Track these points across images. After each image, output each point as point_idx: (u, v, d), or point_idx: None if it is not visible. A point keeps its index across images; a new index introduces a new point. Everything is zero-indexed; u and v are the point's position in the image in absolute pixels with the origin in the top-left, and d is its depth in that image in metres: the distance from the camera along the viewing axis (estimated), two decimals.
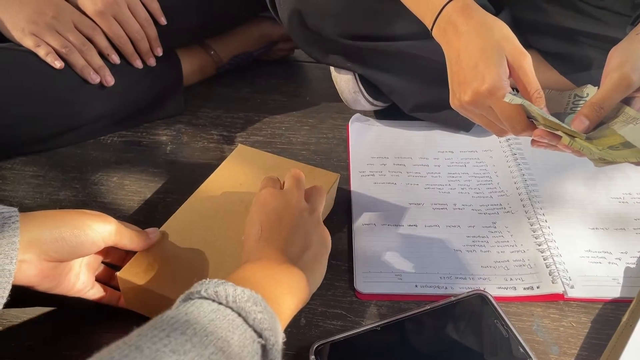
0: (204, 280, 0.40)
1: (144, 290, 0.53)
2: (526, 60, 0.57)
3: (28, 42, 0.73)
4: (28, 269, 0.48)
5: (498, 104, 0.57)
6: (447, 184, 0.75)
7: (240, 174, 0.67)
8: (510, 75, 0.57)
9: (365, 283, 0.61)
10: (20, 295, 0.48)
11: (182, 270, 0.54)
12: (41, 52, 0.73)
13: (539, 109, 0.53)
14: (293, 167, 0.67)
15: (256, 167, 0.68)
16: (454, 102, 0.62)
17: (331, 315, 0.59)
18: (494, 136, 0.82)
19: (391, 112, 0.87)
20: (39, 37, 0.73)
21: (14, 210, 0.47)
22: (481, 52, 0.57)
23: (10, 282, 0.46)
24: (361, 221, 0.69)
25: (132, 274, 0.53)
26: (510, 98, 0.53)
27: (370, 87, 0.82)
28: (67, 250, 0.49)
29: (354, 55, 0.78)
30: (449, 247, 0.66)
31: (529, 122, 0.57)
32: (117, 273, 0.53)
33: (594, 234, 0.67)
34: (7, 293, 0.46)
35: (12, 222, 0.47)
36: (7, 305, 0.46)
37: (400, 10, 0.66)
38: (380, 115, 0.87)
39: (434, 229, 0.68)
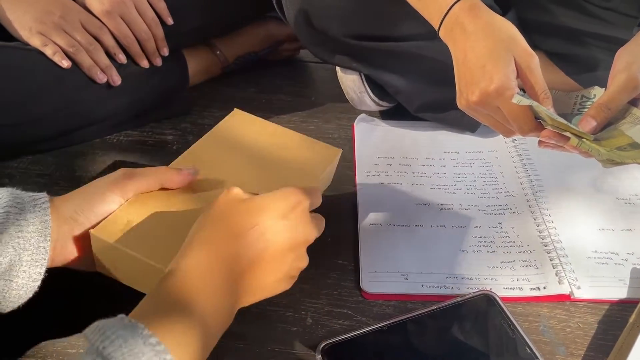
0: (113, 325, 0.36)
1: (117, 251, 0.50)
2: (534, 61, 0.57)
3: (35, 42, 0.73)
4: (64, 246, 0.51)
5: (506, 105, 0.57)
6: (453, 185, 0.75)
7: (233, 139, 0.64)
8: (518, 76, 0.57)
9: (371, 283, 0.61)
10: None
11: (160, 232, 0.51)
12: (48, 51, 0.73)
13: (548, 110, 0.53)
14: (291, 137, 0.65)
15: (252, 133, 0.65)
16: (461, 103, 0.62)
17: (337, 315, 0.59)
18: (499, 137, 0.82)
19: (397, 112, 0.87)
20: (46, 36, 0.73)
21: (42, 193, 0.50)
22: (489, 53, 0.57)
23: (47, 258, 0.48)
24: (367, 221, 0.69)
25: (107, 232, 0.50)
26: (519, 99, 0.53)
27: (376, 87, 0.82)
28: (95, 217, 0.52)
29: (359, 56, 0.78)
30: (455, 248, 0.66)
31: (537, 123, 0.57)
32: (91, 230, 0.51)
33: (601, 235, 0.67)
34: (44, 269, 0.48)
35: (42, 202, 0.49)
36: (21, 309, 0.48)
37: (407, 10, 0.66)
38: (386, 115, 0.88)
39: (440, 229, 0.68)
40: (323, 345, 0.53)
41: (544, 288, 0.61)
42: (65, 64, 0.73)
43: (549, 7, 0.79)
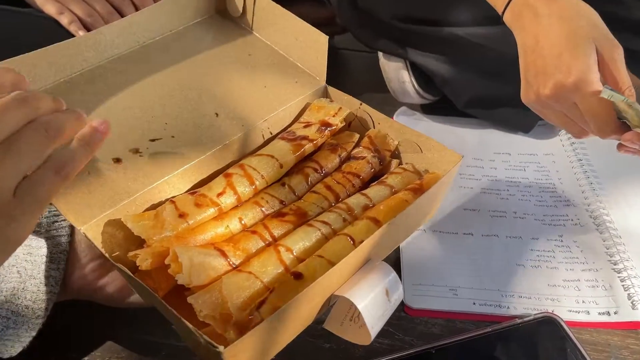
0: None
1: None
2: (618, 52, 0.50)
3: (50, 9, 0.66)
4: (85, 275, 0.46)
5: (585, 100, 0.49)
6: (506, 189, 0.67)
7: None
8: (599, 68, 0.50)
9: (415, 297, 0.54)
10: None
11: None
12: (64, 20, 0.66)
13: None
14: None
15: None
16: (528, 96, 0.55)
17: None
18: (555, 139, 0.74)
19: (440, 107, 0.79)
20: (62, 4, 0.66)
21: None
22: (566, 40, 0.50)
23: (56, 292, 0.43)
24: None
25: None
26: (609, 94, 0.45)
27: (421, 77, 0.74)
28: None
29: (407, 41, 0.70)
30: (510, 261, 0.58)
31: (620, 123, 0.49)
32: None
33: None
34: (51, 305, 0.42)
35: (61, 221, 0.44)
36: None
37: None
38: (428, 109, 0.80)
39: (493, 239, 0.60)
40: None
41: (615, 313, 0.53)
42: (82, 34, 0.66)
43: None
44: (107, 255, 0.40)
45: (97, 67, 0.52)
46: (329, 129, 0.52)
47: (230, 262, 0.41)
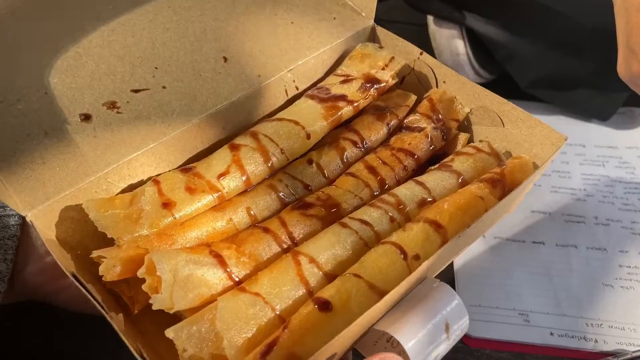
0: None
1: None
2: None
3: None
4: (41, 272, 0.35)
5: None
6: (582, 189, 0.54)
7: None
8: None
9: (475, 323, 0.42)
10: None
11: None
12: None
13: None
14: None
15: None
16: (631, 68, 0.43)
17: None
18: (638, 129, 0.61)
19: (497, 87, 0.66)
20: None
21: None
22: None
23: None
24: None
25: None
26: None
27: (478, 49, 0.61)
28: None
29: (466, 2, 0.58)
30: (594, 280, 0.46)
31: None
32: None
33: None
34: None
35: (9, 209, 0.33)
36: None
37: None
38: None
39: (570, 251, 0.48)
40: None
41: None
42: None
43: None
44: (52, 248, 0.29)
45: None
46: (375, 87, 0.39)
47: (231, 274, 0.29)
